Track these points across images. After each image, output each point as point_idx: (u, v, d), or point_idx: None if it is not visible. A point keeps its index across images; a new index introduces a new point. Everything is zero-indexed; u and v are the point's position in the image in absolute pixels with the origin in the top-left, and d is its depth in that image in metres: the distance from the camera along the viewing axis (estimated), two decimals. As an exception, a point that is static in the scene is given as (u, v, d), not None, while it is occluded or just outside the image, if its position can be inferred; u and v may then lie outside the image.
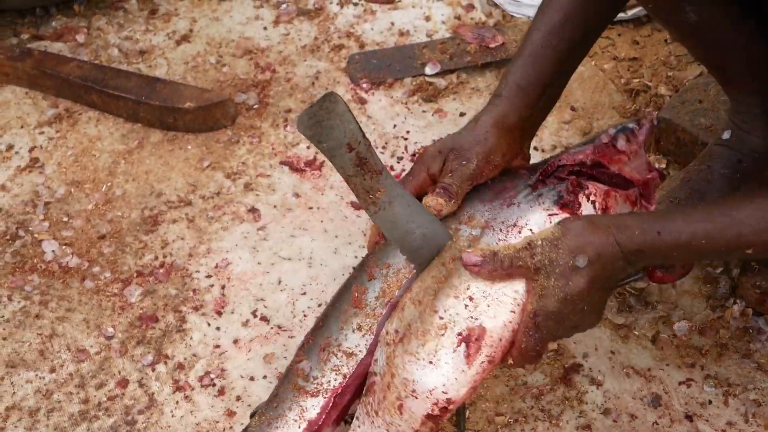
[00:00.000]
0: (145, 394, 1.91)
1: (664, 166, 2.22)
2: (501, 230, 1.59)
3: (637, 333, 1.97)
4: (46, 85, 2.42)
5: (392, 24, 2.60)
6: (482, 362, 1.53)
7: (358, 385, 1.66)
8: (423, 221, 1.64)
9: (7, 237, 2.16)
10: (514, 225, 1.59)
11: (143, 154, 2.32)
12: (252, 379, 1.93)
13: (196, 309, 2.04)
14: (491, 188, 1.65)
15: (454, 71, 2.46)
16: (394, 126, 2.37)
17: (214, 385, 1.93)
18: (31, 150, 2.33)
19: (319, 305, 2.03)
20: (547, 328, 1.50)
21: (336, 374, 1.65)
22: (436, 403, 1.55)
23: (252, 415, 1.74)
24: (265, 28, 2.59)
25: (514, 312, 1.52)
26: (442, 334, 1.53)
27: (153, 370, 1.95)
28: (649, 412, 1.87)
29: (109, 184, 2.26)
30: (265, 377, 1.94)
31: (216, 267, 2.11)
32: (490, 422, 1.85)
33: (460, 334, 1.52)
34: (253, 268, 2.11)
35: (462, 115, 2.37)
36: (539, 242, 1.49)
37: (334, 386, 1.65)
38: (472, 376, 1.54)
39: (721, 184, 1.95)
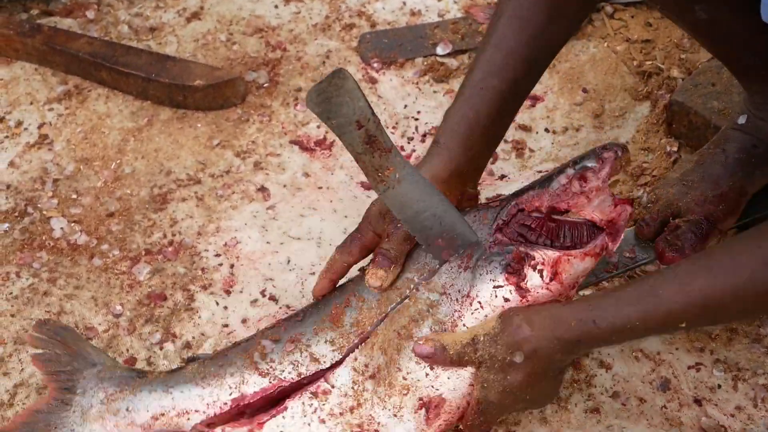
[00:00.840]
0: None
1: (675, 149, 2.20)
2: (457, 300, 1.64)
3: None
4: (56, 61, 2.41)
5: (404, 3, 2.58)
6: (440, 425, 1.67)
7: (302, 387, 1.72)
8: (433, 201, 1.64)
9: (16, 214, 2.15)
10: (467, 296, 1.64)
11: (153, 131, 2.31)
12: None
13: (204, 288, 2.03)
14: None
15: (466, 52, 2.45)
16: (405, 106, 2.35)
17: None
18: (40, 126, 2.32)
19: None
20: (490, 414, 1.62)
21: (293, 368, 1.72)
22: None
23: (190, 360, 1.81)
24: (276, 6, 2.58)
25: (473, 385, 1.62)
26: (405, 394, 1.65)
27: (161, 348, 1.95)
28: (657, 396, 1.86)
29: (118, 161, 2.25)
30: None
31: (225, 246, 2.10)
32: (499, 405, 1.85)
33: (421, 399, 1.65)
34: (262, 247, 2.10)
35: (473, 95, 2.36)
36: (481, 338, 1.57)
37: (284, 377, 1.72)
38: None
39: (735, 169, 1.94)
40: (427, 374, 1.64)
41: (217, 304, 2.01)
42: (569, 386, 1.87)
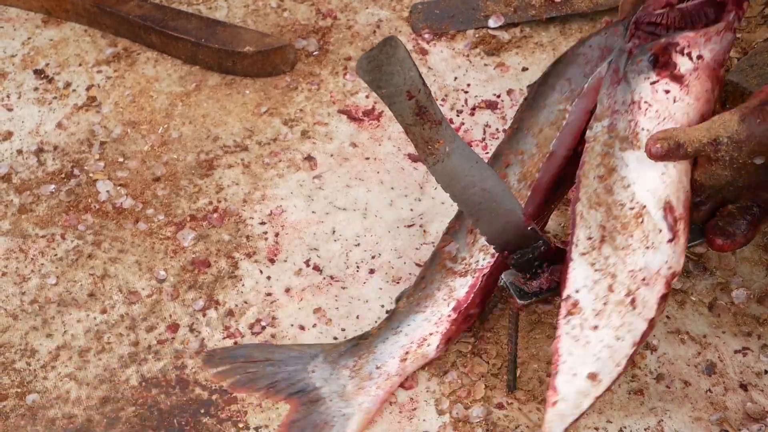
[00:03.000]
0: (195, 339, 1.91)
1: (729, 129, 2.17)
2: (626, 111, 1.65)
3: (693, 299, 1.94)
4: (106, 23, 2.40)
5: (456, -26, 2.56)
6: (684, 228, 1.65)
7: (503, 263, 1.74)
8: (483, 175, 1.62)
9: (62, 175, 2.16)
10: (632, 102, 1.65)
11: (201, 97, 2.30)
12: (302, 328, 1.92)
13: (248, 256, 2.03)
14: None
15: (518, 25, 2.42)
16: (455, 78, 2.33)
17: (264, 332, 1.92)
18: (88, 88, 2.32)
19: (373, 257, 2.02)
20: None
21: (484, 254, 1.79)
22: (667, 282, 1.64)
23: (398, 300, 1.87)
24: (327, -26, 2.56)
25: (686, 173, 1.65)
26: (642, 221, 1.62)
27: (204, 315, 1.95)
28: (703, 380, 1.84)
29: (165, 126, 2.25)
30: (314, 326, 1.93)
31: (270, 214, 2.10)
32: (541, 382, 1.83)
33: (657, 210, 1.63)
34: (308, 216, 2.09)
35: (524, 69, 2.33)
36: (725, 140, 1.56)
37: (482, 265, 1.79)
38: (683, 242, 1.66)
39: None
40: (647, 189, 1.63)
41: (261, 272, 2.01)
42: (613, 367, 1.85)
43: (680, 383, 1.84)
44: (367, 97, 2.29)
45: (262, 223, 2.08)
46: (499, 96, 2.29)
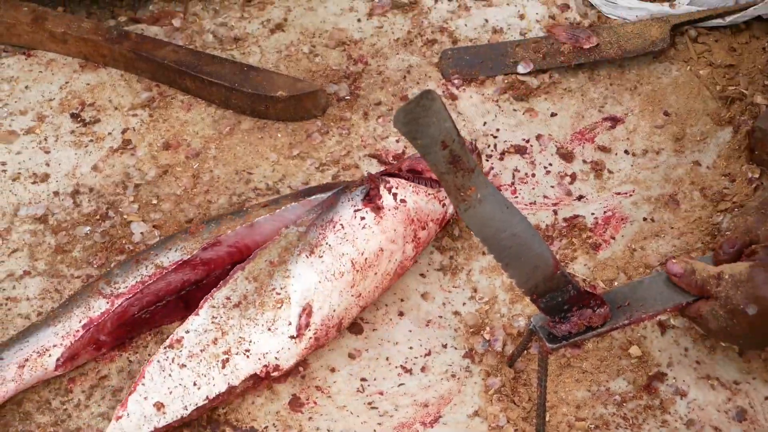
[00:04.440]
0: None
1: (757, 175, 2.18)
2: (321, 225, 1.91)
3: (724, 344, 1.94)
4: (142, 68, 2.44)
5: (486, 21, 2.58)
6: (310, 338, 1.86)
7: (150, 302, 1.96)
8: (513, 221, 1.64)
9: (97, 217, 2.18)
10: (330, 221, 1.92)
11: (233, 140, 2.33)
12: (333, 370, 1.94)
13: (280, 298, 2.05)
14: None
15: (547, 71, 2.45)
16: (484, 123, 2.36)
17: (297, 374, 1.93)
18: (123, 132, 2.35)
19: (402, 300, 2.04)
20: (705, 329, 1.81)
21: (134, 280, 1.94)
22: (266, 366, 1.84)
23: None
24: (358, 20, 2.59)
25: (342, 294, 1.89)
26: (279, 307, 1.84)
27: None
28: (733, 426, 1.84)
29: (198, 168, 2.28)
30: (354, 358, 1.94)
31: (301, 257, 2.12)
32: (570, 427, 1.84)
33: (296, 307, 1.84)
34: (339, 259, 2.11)
35: (553, 115, 2.36)
36: (727, 276, 1.73)
37: (126, 290, 1.93)
38: (302, 348, 1.86)
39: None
40: (301, 286, 1.85)
41: (293, 314, 2.02)
42: (643, 412, 1.86)
43: (710, 429, 1.84)
44: (397, 141, 2.31)
45: (294, 266, 2.10)
46: (528, 141, 2.31)
